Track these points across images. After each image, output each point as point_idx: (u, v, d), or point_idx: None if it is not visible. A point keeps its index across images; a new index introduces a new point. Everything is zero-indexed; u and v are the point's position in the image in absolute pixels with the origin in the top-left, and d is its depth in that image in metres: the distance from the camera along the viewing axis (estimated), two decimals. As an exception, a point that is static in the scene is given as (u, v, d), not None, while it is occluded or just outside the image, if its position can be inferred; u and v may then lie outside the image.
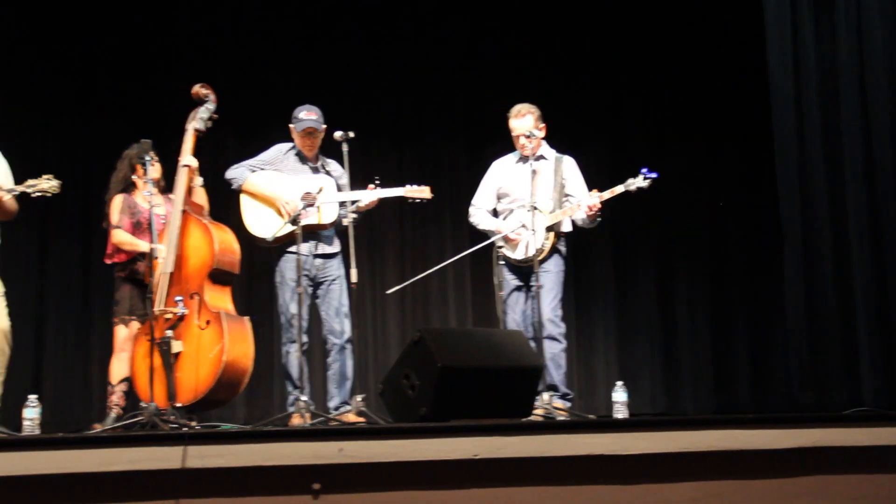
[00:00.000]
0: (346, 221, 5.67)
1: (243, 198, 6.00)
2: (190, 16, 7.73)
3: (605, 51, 8.13)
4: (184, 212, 5.62)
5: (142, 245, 5.76)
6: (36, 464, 3.66)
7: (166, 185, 5.99)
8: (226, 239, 5.63)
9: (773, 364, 7.60)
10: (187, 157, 5.78)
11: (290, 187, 5.90)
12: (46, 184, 5.24)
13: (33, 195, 5.26)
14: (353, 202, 5.79)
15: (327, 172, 6.04)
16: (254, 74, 7.83)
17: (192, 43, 7.74)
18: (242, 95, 7.60)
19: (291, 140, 6.13)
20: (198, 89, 5.88)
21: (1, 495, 3.63)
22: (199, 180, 5.83)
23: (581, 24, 8.08)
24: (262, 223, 5.87)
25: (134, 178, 5.99)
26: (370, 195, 5.87)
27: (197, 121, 5.83)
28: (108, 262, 6.00)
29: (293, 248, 5.77)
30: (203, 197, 5.86)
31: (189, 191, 5.78)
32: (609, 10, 8.03)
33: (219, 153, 7.27)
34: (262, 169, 6.04)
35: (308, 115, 6.00)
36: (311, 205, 5.75)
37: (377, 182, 5.90)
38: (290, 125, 6.08)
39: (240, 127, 7.59)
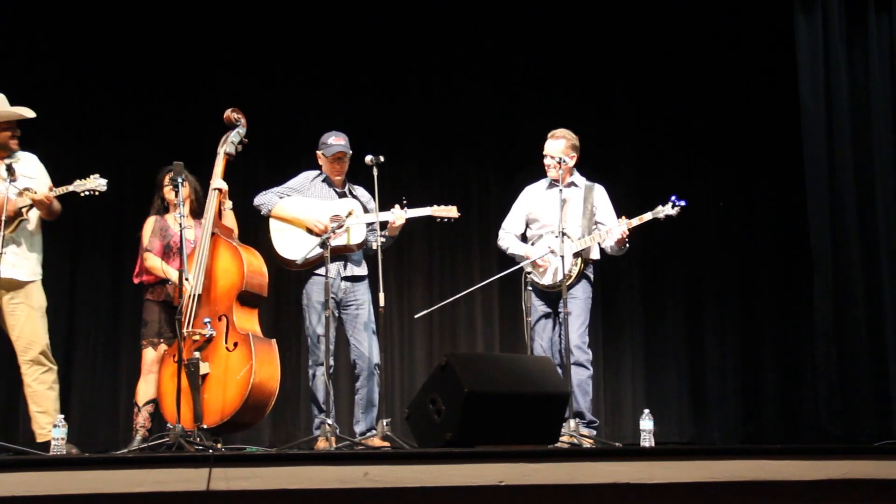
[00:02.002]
0: (374, 245, 5.70)
1: (272, 223, 6.02)
2: (223, 41, 7.80)
3: (635, 77, 8.12)
4: (213, 234, 5.66)
5: (172, 274, 5.78)
6: (62, 484, 3.68)
7: (197, 208, 6.03)
8: (255, 262, 5.65)
9: (802, 394, 7.52)
10: (217, 181, 5.83)
11: (319, 210, 5.94)
12: (94, 182, 5.40)
13: (82, 194, 5.40)
14: (384, 224, 5.81)
15: (354, 197, 6.07)
16: (285, 100, 7.89)
17: (225, 68, 7.81)
18: (274, 121, 7.68)
19: (319, 167, 6.17)
20: (229, 114, 5.93)
21: (27, 514, 3.66)
22: (228, 204, 5.87)
23: (612, 50, 8.09)
24: (292, 246, 5.89)
25: (167, 199, 6.03)
26: (397, 215, 5.88)
27: (228, 144, 5.89)
28: (136, 281, 6.05)
29: (320, 271, 5.79)
30: (232, 220, 5.90)
31: (219, 214, 5.82)
32: (640, 37, 8.03)
33: (249, 179, 7.32)
34: (289, 195, 6.07)
35: (337, 141, 6.05)
36: (341, 226, 5.78)
37: (404, 202, 5.91)
38: (318, 152, 6.13)
39: (271, 153, 7.66)
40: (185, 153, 5.85)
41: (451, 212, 6.01)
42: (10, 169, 5.27)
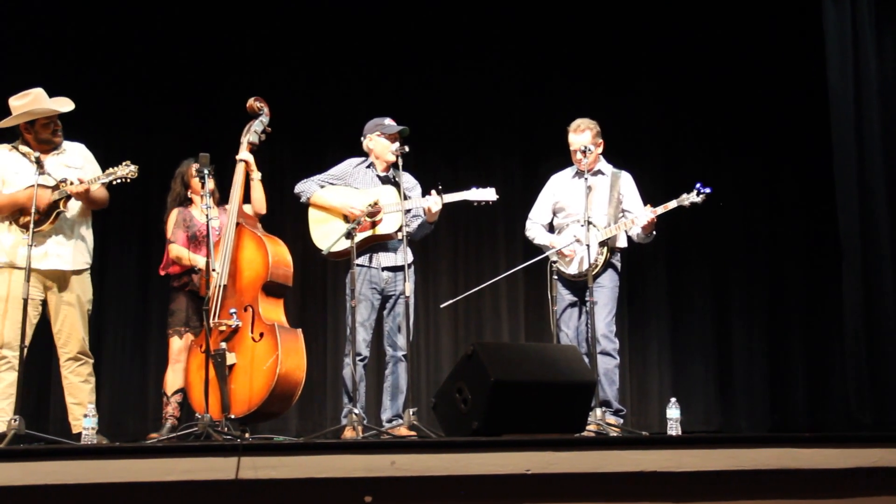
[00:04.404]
0: (399, 235, 5.68)
1: (311, 212, 6.01)
2: (247, 30, 7.83)
3: (661, 66, 8.09)
4: (238, 224, 5.66)
5: (198, 260, 5.81)
6: (92, 473, 3.71)
7: (221, 197, 6.05)
8: (280, 252, 5.66)
9: (830, 382, 7.48)
10: (243, 153, 5.82)
11: (356, 199, 5.91)
12: (125, 170, 5.42)
13: (114, 182, 5.43)
14: (420, 212, 5.80)
15: (395, 184, 5.92)
16: (310, 89, 7.91)
17: (250, 58, 7.83)
18: (300, 110, 7.69)
19: (358, 154, 6.14)
20: (252, 103, 5.93)
21: (60, 503, 3.68)
22: (256, 174, 5.83)
23: (637, 39, 8.06)
24: (327, 237, 5.87)
25: (189, 193, 6.07)
26: (434, 202, 5.82)
27: (251, 134, 5.88)
28: (162, 273, 6.08)
29: (360, 261, 5.79)
30: (261, 191, 5.87)
31: (246, 187, 5.81)
32: (666, 25, 7.99)
33: (276, 168, 7.34)
34: (332, 184, 6.05)
35: (391, 121, 6.01)
36: (373, 214, 5.76)
37: (440, 188, 5.86)
38: (371, 135, 6.05)
39: (297, 142, 7.69)
40: (210, 144, 5.88)
41: (489, 194, 5.88)
42: (38, 162, 5.31)
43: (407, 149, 5.72)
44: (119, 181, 5.45)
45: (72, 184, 5.39)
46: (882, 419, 6.60)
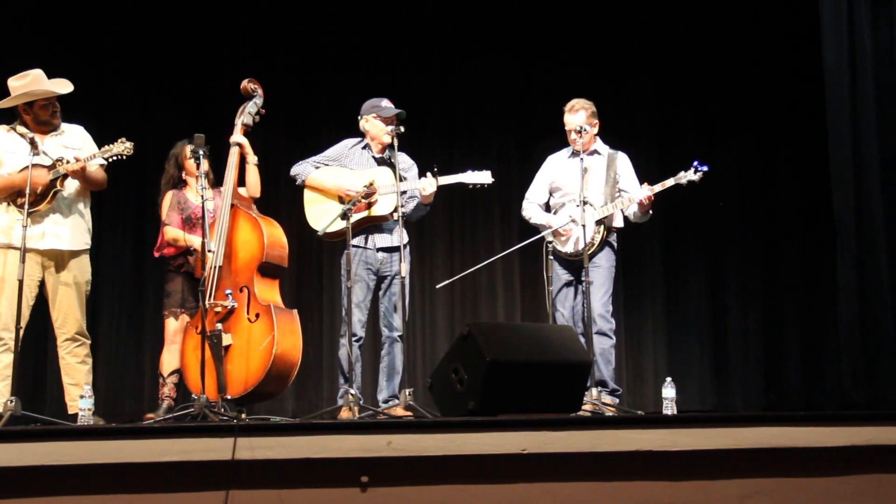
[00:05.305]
0: (395, 215, 5.67)
1: (306, 193, 6.00)
2: (242, 11, 7.80)
3: (656, 45, 8.07)
4: (233, 206, 5.66)
5: (194, 241, 5.81)
6: (89, 453, 3.71)
7: (216, 178, 6.03)
8: (275, 233, 5.65)
9: (824, 361, 7.50)
10: (237, 136, 5.80)
11: (352, 180, 5.89)
12: (120, 146, 5.45)
13: (110, 160, 5.43)
14: (416, 193, 5.80)
15: (391, 165, 5.86)
16: (306, 71, 7.89)
17: (245, 39, 7.81)
18: (295, 92, 7.67)
19: (353, 135, 6.12)
20: (246, 84, 5.90)
21: (56, 483, 3.69)
22: (252, 158, 5.82)
23: (632, 18, 8.03)
24: (322, 218, 5.86)
25: (183, 174, 6.06)
26: (429, 184, 5.80)
27: (245, 115, 5.87)
28: (157, 255, 6.08)
29: (356, 242, 5.79)
30: (256, 176, 5.86)
31: (241, 171, 5.79)
32: (661, 6, 7.96)
33: (270, 150, 7.32)
34: (327, 165, 6.04)
35: (389, 102, 6.00)
36: (368, 195, 5.75)
37: (435, 170, 5.85)
38: (367, 116, 6.04)
39: (291, 124, 7.67)
40: (204, 125, 5.86)
41: (484, 177, 5.86)
42: (32, 143, 5.30)
43: (402, 129, 5.70)
44: (115, 158, 5.46)
45: (68, 162, 5.39)
46: (875, 398, 6.61)
